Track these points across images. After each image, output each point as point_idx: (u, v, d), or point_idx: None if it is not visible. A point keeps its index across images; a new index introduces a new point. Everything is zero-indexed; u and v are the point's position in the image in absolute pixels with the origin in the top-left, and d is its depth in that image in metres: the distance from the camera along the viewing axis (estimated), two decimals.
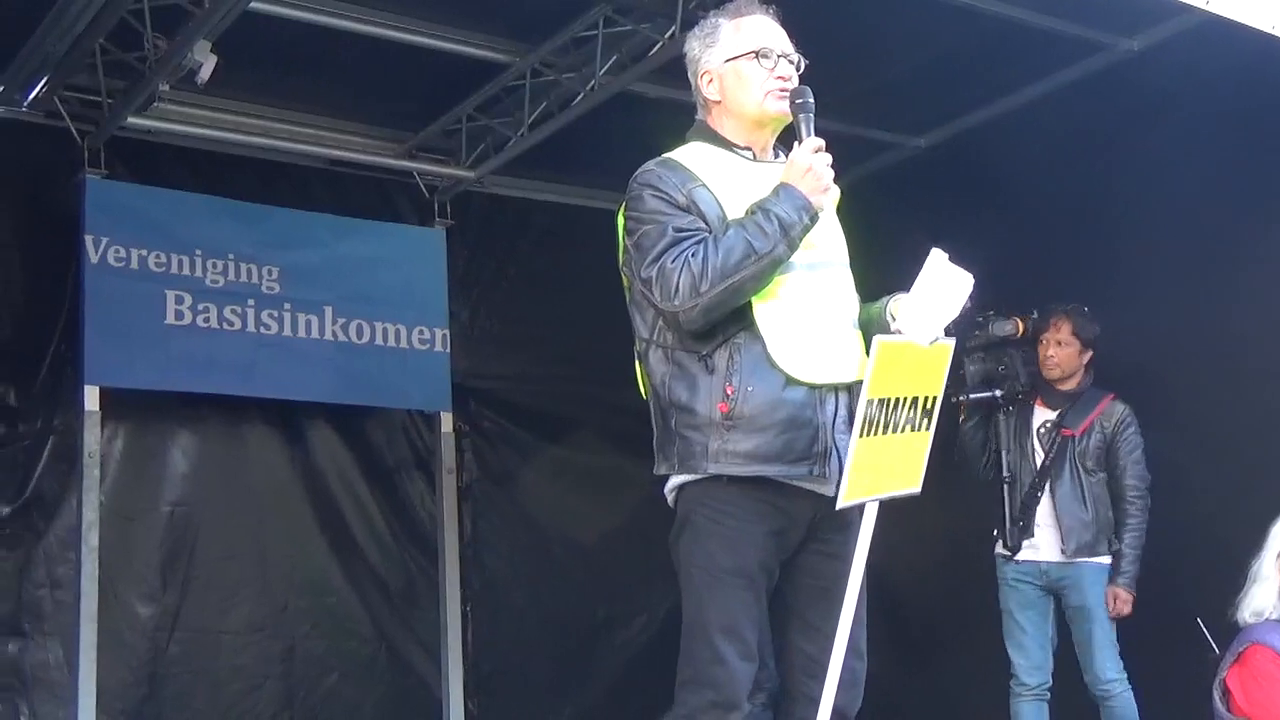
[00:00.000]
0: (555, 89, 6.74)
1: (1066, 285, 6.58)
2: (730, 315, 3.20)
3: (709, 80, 3.46)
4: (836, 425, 3.24)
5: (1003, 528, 5.98)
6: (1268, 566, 4.56)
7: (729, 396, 3.17)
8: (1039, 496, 5.92)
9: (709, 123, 3.50)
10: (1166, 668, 5.63)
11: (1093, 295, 6.37)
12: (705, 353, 3.22)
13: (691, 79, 3.54)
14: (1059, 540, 5.85)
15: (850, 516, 3.28)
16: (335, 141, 7.26)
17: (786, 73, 3.39)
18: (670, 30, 6.04)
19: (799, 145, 3.30)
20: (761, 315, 3.22)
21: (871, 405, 3.00)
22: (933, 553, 6.61)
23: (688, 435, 3.22)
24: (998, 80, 6.86)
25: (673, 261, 3.18)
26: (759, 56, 3.38)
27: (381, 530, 7.41)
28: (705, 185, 3.30)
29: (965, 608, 7.02)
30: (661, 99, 6.51)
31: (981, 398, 6.07)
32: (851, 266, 3.51)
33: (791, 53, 3.43)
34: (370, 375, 7.16)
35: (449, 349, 7.44)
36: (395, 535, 7.44)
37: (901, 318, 3.26)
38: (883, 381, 3.03)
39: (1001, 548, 5.98)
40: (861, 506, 3.17)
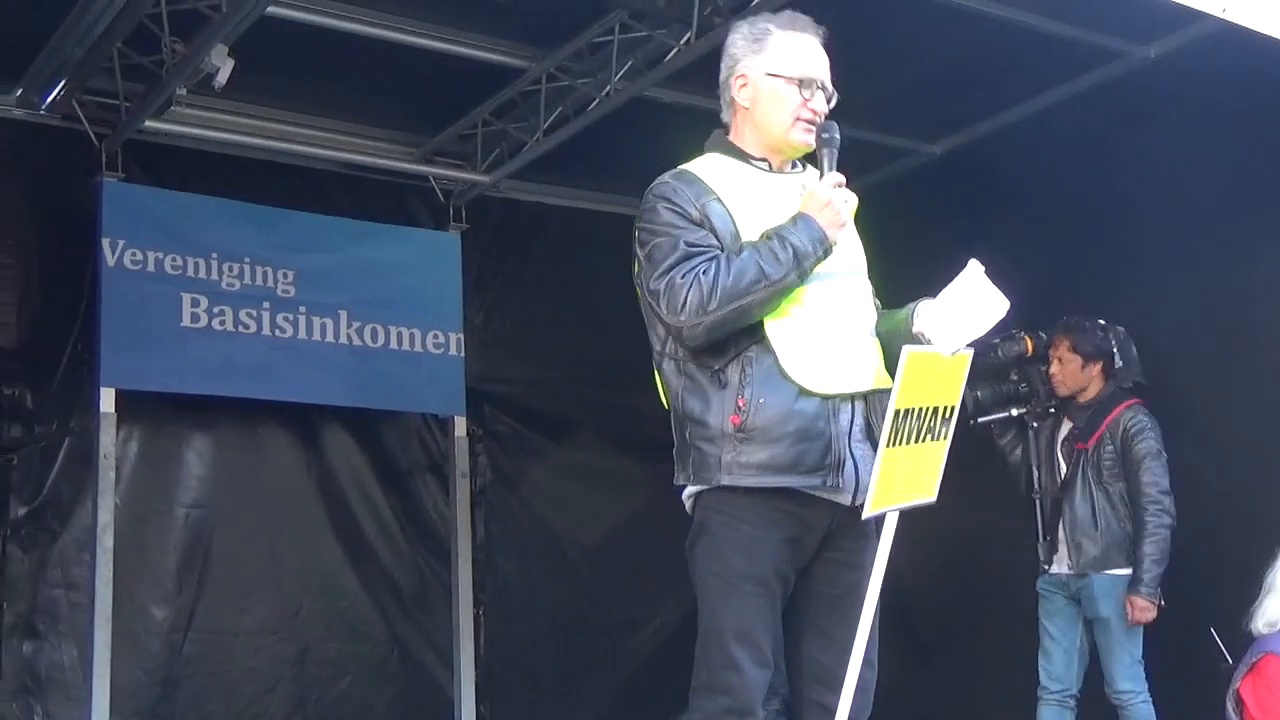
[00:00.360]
0: (571, 94, 6.75)
1: (1081, 292, 6.58)
2: (742, 330, 3.20)
3: (743, 85, 3.42)
4: (853, 435, 3.25)
5: (1036, 541, 6.04)
6: None
7: (741, 409, 3.17)
8: (1061, 510, 5.96)
9: (730, 128, 3.48)
10: (1180, 677, 5.63)
11: (1107, 302, 6.37)
12: (717, 367, 3.23)
13: (724, 73, 3.49)
14: (1069, 554, 5.92)
15: (866, 526, 3.29)
16: (351, 146, 7.29)
17: (820, 107, 3.38)
18: (686, 36, 6.05)
19: (820, 179, 3.30)
20: (773, 328, 3.22)
21: (899, 416, 3.01)
22: (943, 558, 6.59)
23: (702, 447, 3.23)
24: (1013, 87, 6.85)
25: (682, 277, 3.18)
26: (800, 85, 3.36)
27: (395, 533, 7.42)
28: (720, 200, 3.29)
29: (976, 613, 7.04)
30: (677, 104, 6.53)
31: (997, 419, 6.13)
32: (867, 271, 3.50)
33: (829, 85, 3.41)
34: (385, 379, 7.17)
35: (463, 353, 7.45)
36: (408, 538, 7.45)
37: (927, 322, 3.26)
38: (910, 392, 3.04)
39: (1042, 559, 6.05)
40: (880, 516, 3.18)
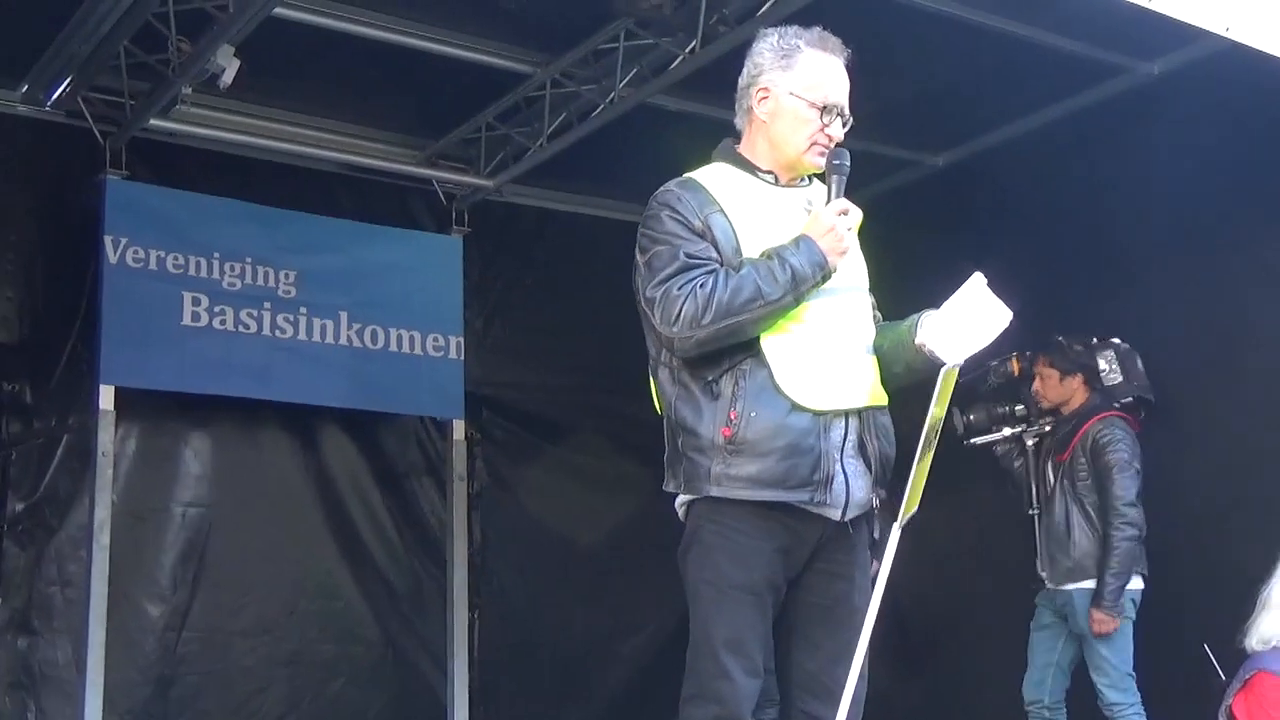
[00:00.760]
0: (575, 100, 6.76)
1: (1083, 304, 6.60)
2: (736, 343, 3.20)
3: (764, 98, 3.41)
4: (845, 451, 3.24)
5: (1035, 556, 6.13)
6: (1277, 594, 4.54)
7: (732, 421, 3.17)
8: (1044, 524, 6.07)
9: (744, 135, 3.47)
10: (1174, 693, 5.63)
11: (1109, 314, 6.41)
12: (711, 378, 3.23)
13: (745, 79, 3.47)
14: (1046, 567, 6.02)
15: (856, 538, 3.31)
16: (354, 148, 7.30)
17: (837, 134, 3.37)
18: (691, 45, 6.06)
19: (826, 204, 3.30)
20: (769, 342, 3.22)
21: (927, 431, 3.04)
22: (937, 569, 6.61)
23: (693, 457, 3.23)
24: (1017, 101, 6.87)
25: (679, 288, 3.18)
26: (823, 111, 3.36)
27: (391, 535, 7.42)
28: (724, 211, 3.29)
29: (969, 624, 7.04)
30: (681, 112, 6.55)
31: (991, 439, 6.23)
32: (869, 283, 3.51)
33: (848, 111, 3.41)
34: (384, 381, 7.18)
35: (463, 356, 7.46)
36: (404, 541, 7.46)
37: (930, 334, 3.27)
38: (941, 406, 3.08)
39: None
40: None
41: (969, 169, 7.47)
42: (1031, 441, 6.24)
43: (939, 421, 3.16)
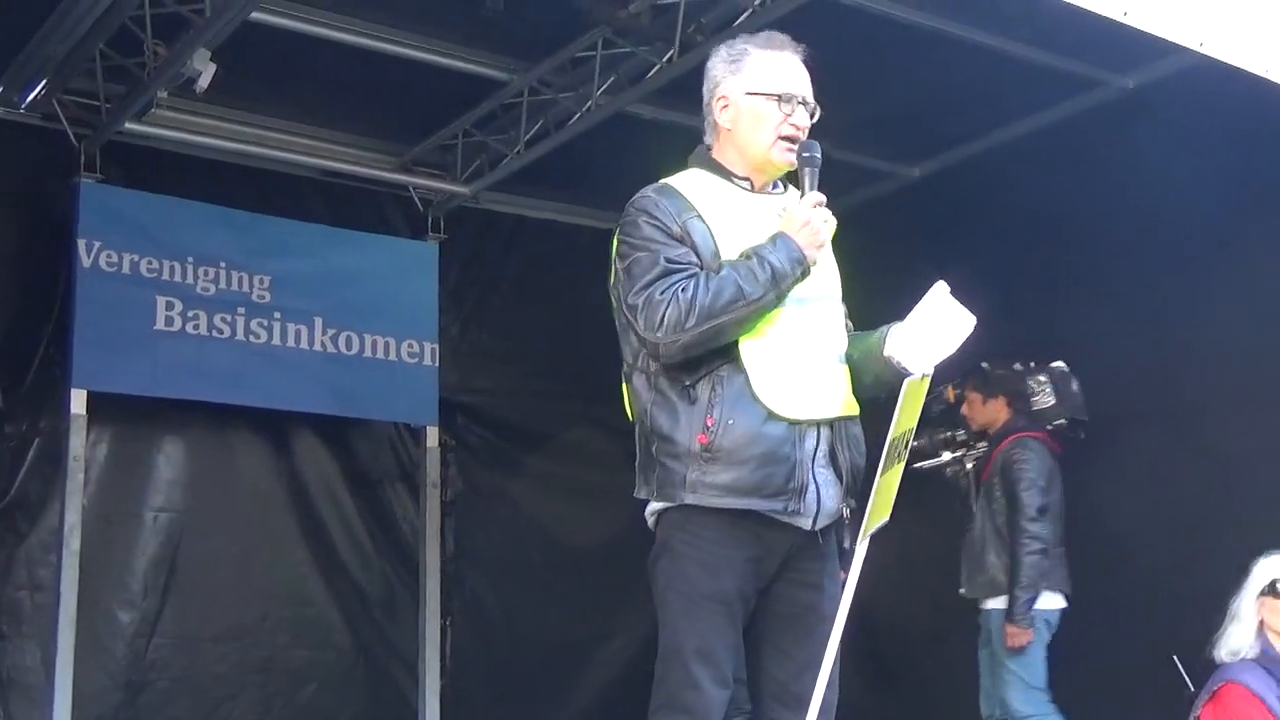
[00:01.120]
0: (552, 108, 6.76)
1: (1055, 317, 6.64)
2: (715, 348, 3.19)
3: (724, 106, 3.41)
4: (816, 460, 3.24)
5: None
6: (1246, 606, 4.57)
7: (709, 428, 3.16)
8: None
9: (713, 148, 3.47)
10: (1143, 704, 5.65)
11: (1081, 328, 6.45)
12: (688, 383, 3.21)
13: (706, 96, 3.47)
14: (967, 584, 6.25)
15: (826, 548, 3.31)
16: (331, 153, 7.28)
17: (802, 122, 3.36)
18: (668, 54, 6.08)
19: (800, 198, 3.31)
20: (746, 349, 3.21)
21: (894, 443, 3.05)
22: (909, 580, 6.62)
23: (667, 464, 3.21)
24: (993, 113, 6.90)
25: (661, 293, 3.17)
26: (780, 100, 3.35)
27: (364, 542, 7.41)
28: (701, 217, 3.28)
29: (940, 635, 7.05)
30: (658, 121, 6.56)
31: (934, 464, 6.58)
32: (841, 292, 3.51)
33: (811, 100, 3.40)
34: (358, 387, 7.16)
35: (438, 363, 7.45)
36: (377, 547, 7.44)
37: (896, 345, 3.28)
38: (905, 419, 3.09)
39: None
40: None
41: (946, 180, 7.50)
42: (970, 464, 6.41)
43: (908, 433, 3.17)
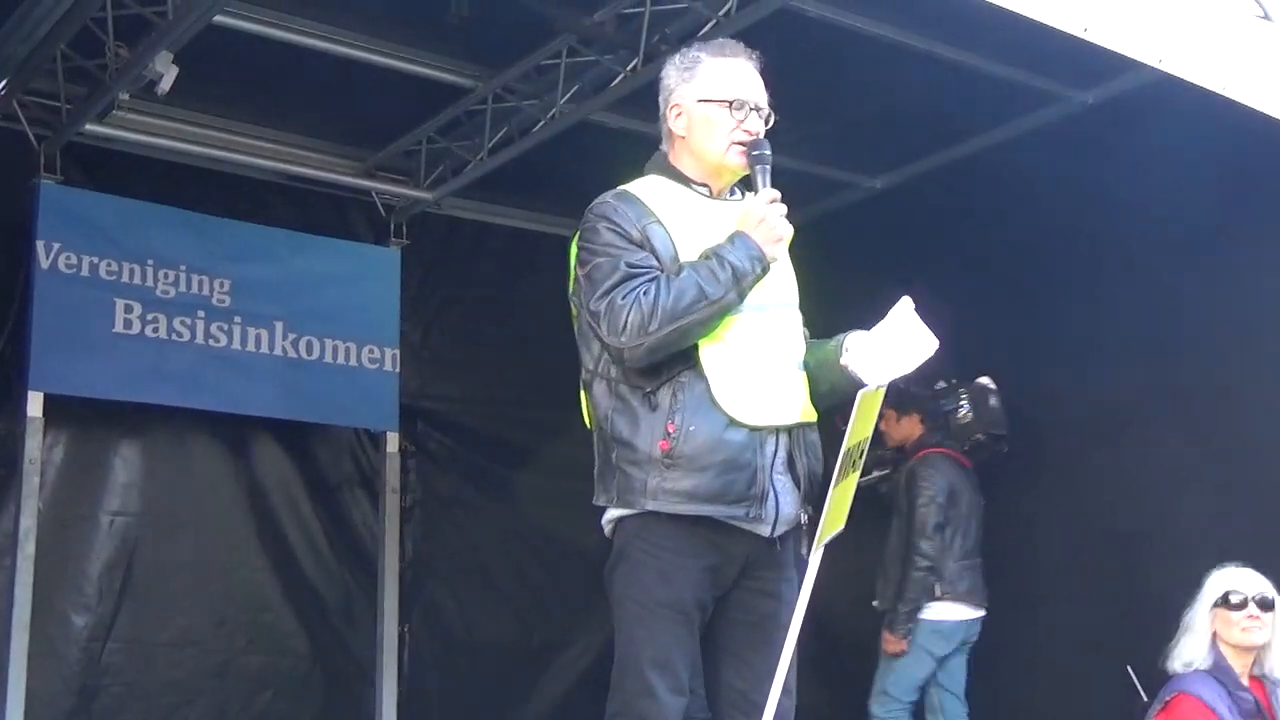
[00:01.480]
0: (516, 115, 6.76)
1: (1012, 330, 6.68)
2: (676, 354, 3.20)
3: (677, 114, 3.43)
4: (775, 467, 3.25)
5: None
6: (1200, 618, 4.61)
7: (670, 435, 3.17)
8: None
9: (670, 155, 3.49)
10: (1097, 714, 5.69)
11: (1039, 339, 6.49)
12: (649, 390, 3.22)
13: (661, 105, 3.50)
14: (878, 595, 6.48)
15: (784, 556, 3.32)
16: (294, 157, 7.25)
17: (755, 127, 3.37)
18: (633, 63, 6.09)
19: (754, 195, 3.32)
20: (707, 355, 3.22)
21: (848, 453, 3.07)
22: (867, 589, 6.64)
23: (628, 471, 3.22)
24: (954, 126, 6.94)
25: (623, 298, 3.17)
26: (732, 106, 3.37)
27: (322, 548, 7.37)
28: (660, 222, 3.29)
29: None
30: (622, 130, 6.56)
31: (869, 480, 6.62)
32: (801, 302, 3.53)
33: (764, 105, 3.42)
34: (318, 392, 7.14)
35: (399, 369, 7.43)
36: (336, 553, 7.40)
37: (855, 355, 3.29)
38: (858, 430, 3.11)
39: None
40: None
41: (907, 192, 7.53)
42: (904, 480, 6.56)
43: (862, 443, 3.19)
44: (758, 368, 3.27)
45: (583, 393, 3.40)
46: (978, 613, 6.28)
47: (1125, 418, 6.25)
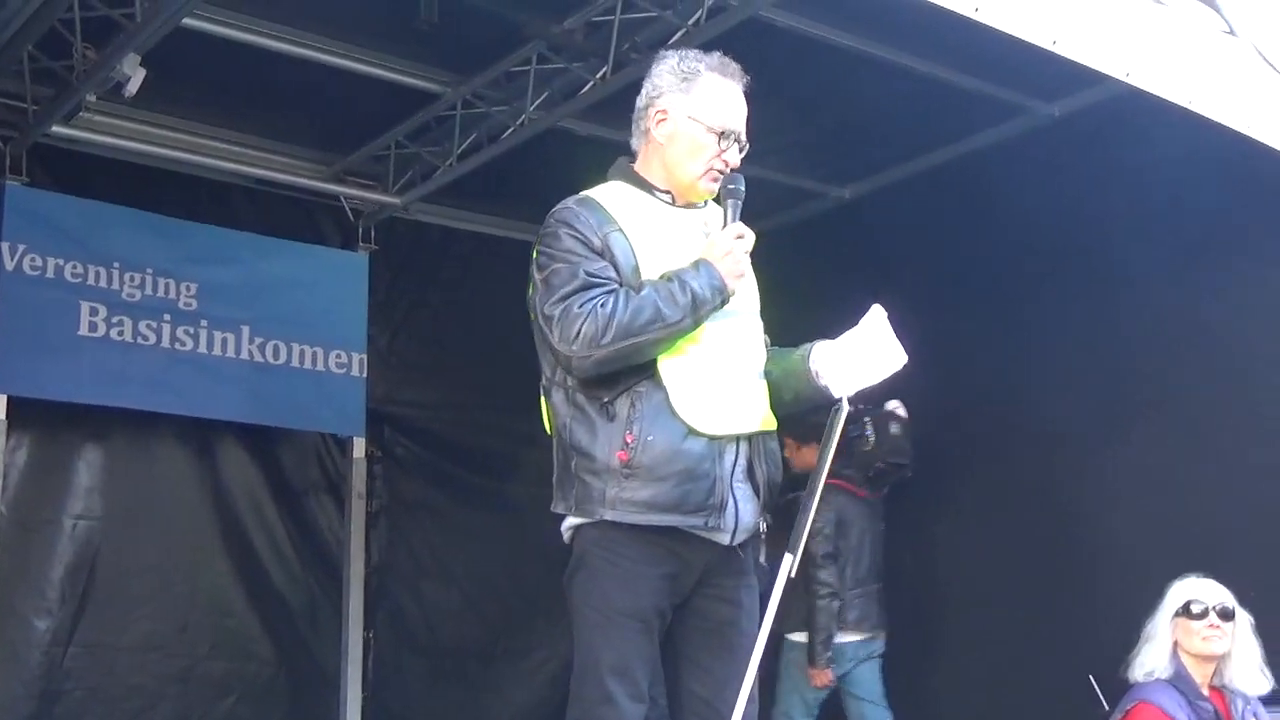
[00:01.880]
0: (485, 121, 6.76)
1: (976, 339, 6.70)
2: (633, 365, 3.20)
3: (662, 120, 3.42)
4: (734, 476, 3.26)
5: None
6: (1161, 627, 4.63)
7: (629, 445, 3.17)
8: None
9: (640, 157, 3.48)
10: None
11: (1005, 351, 6.51)
12: (607, 399, 3.22)
13: (643, 99, 3.49)
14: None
15: (743, 564, 3.33)
16: (262, 161, 7.22)
17: (733, 160, 3.39)
18: (602, 71, 6.10)
19: (723, 229, 3.33)
20: (665, 365, 3.22)
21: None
22: None
23: (586, 480, 3.22)
24: (922, 137, 6.97)
25: (580, 306, 3.17)
26: (720, 137, 3.37)
27: (287, 553, 7.34)
28: (622, 230, 3.30)
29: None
30: (591, 137, 6.57)
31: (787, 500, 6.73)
32: (768, 310, 3.53)
33: (744, 137, 3.43)
34: (284, 396, 7.11)
35: (366, 374, 7.42)
36: (301, 558, 7.37)
37: (824, 363, 3.30)
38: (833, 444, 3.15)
39: None
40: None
41: (875, 202, 7.56)
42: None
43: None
44: (717, 376, 3.27)
45: (542, 399, 3.40)
46: (864, 637, 6.36)
47: (1087, 427, 6.27)
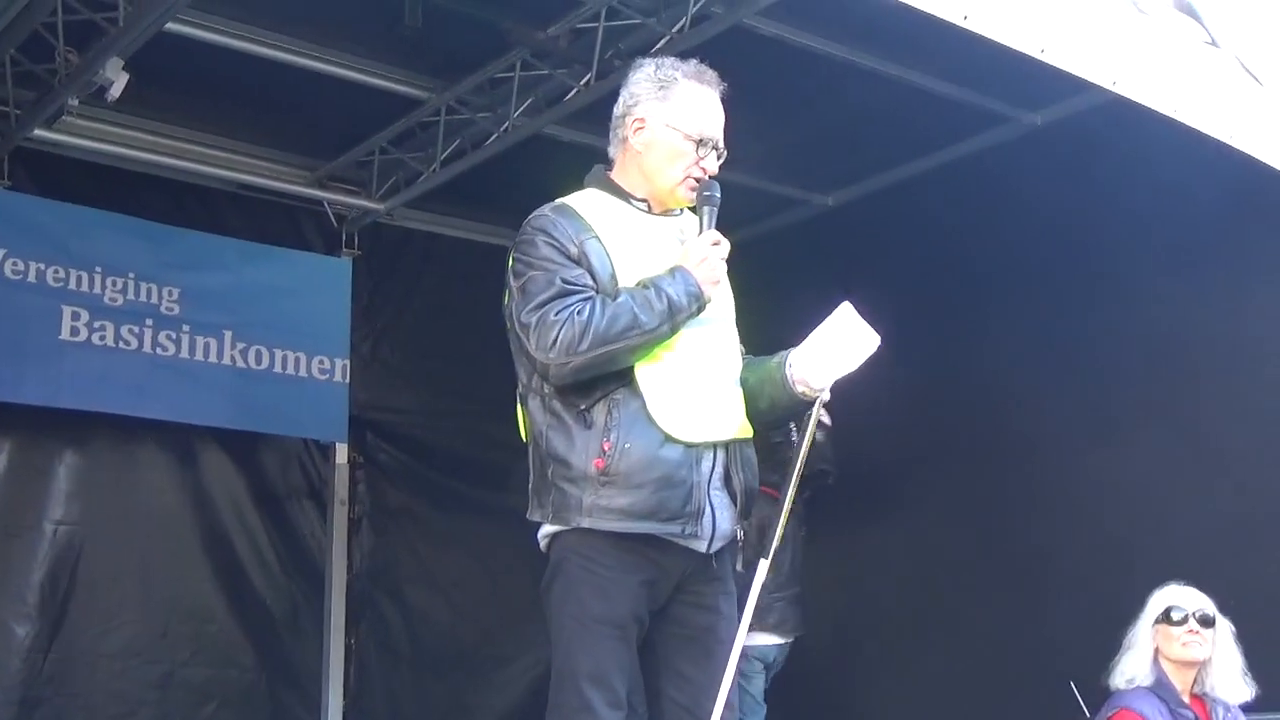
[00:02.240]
0: (469, 127, 6.76)
1: (958, 346, 6.72)
2: (610, 372, 3.20)
3: (639, 128, 3.40)
4: (711, 483, 3.26)
5: None
6: (1142, 634, 4.64)
7: (605, 453, 3.15)
8: None
9: (617, 165, 3.47)
10: None
11: (988, 358, 6.53)
12: (583, 406, 3.21)
13: (620, 108, 3.47)
14: None
15: (721, 570, 3.32)
16: (245, 166, 7.22)
17: (711, 167, 3.38)
18: (586, 78, 6.11)
19: (699, 235, 3.32)
20: (642, 372, 3.21)
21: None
22: (813, 602, 6.69)
23: (563, 487, 3.21)
24: (906, 144, 6.99)
25: (556, 314, 3.16)
26: (698, 145, 3.36)
27: (269, 558, 7.32)
28: (598, 238, 3.28)
29: (842, 655, 7.10)
30: (574, 143, 6.57)
31: None
32: (751, 316, 3.54)
33: (722, 145, 3.42)
34: (267, 402, 7.11)
35: (348, 380, 7.40)
36: (283, 564, 7.36)
37: (800, 365, 3.31)
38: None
39: None
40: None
41: (859, 209, 7.57)
42: None
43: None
44: (694, 383, 3.27)
45: (519, 406, 3.39)
46: (785, 640, 6.35)
47: (1065, 433, 6.29)
